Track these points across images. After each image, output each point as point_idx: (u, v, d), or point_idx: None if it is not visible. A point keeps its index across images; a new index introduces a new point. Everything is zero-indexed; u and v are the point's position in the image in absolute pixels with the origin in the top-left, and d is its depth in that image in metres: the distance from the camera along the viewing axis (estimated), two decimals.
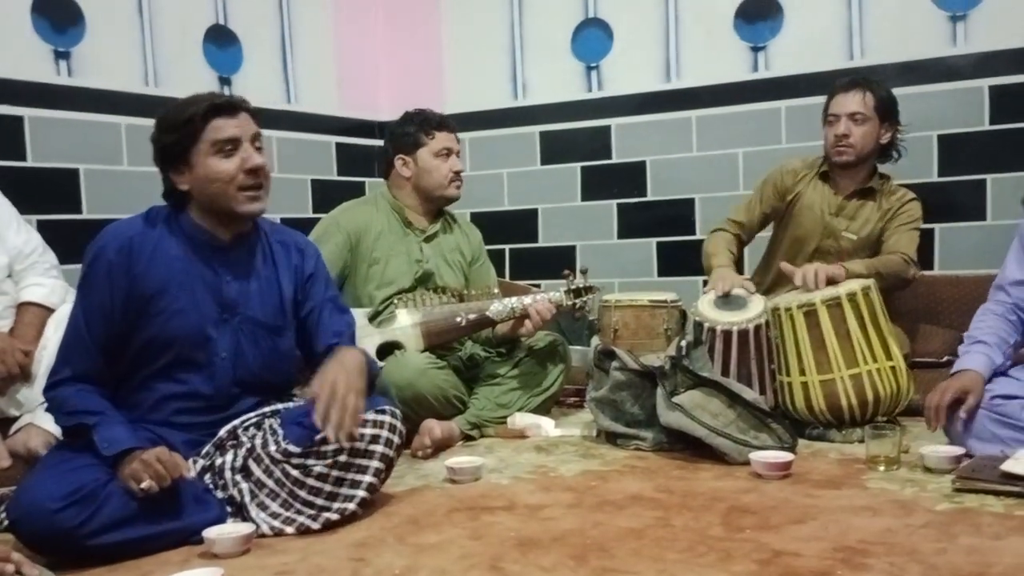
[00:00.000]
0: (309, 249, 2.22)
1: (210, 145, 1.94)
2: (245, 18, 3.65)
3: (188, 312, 1.98)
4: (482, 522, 1.95)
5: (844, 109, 2.91)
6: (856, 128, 2.90)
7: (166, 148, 1.97)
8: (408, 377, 2.59)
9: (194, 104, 1.95)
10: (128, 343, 1.96)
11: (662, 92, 3.85)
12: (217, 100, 1.97)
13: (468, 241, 3.08)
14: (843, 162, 2.94)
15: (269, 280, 2.10)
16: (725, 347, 2.69)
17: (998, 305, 2.39)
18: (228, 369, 2.03)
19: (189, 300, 1.99)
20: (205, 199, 1.99)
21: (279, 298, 2.10)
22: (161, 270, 1.97)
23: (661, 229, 3.89)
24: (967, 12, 3.33)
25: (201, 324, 2.00)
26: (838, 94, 2.95)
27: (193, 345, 1.99)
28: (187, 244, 2.01)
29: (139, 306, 1.95)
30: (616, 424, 2.62)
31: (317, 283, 2.17)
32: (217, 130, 1.95)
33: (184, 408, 2.00)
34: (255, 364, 2.07)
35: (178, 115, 1.95)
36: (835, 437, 2.57)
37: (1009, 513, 1.86)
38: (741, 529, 1.84)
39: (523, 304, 2.80)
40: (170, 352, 1.98)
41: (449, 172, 2.93)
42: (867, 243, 2.96)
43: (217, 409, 2.03)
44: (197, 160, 1.95)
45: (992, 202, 3.32)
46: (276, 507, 1.93)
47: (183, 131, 1.94)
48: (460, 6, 4.24)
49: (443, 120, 2.98)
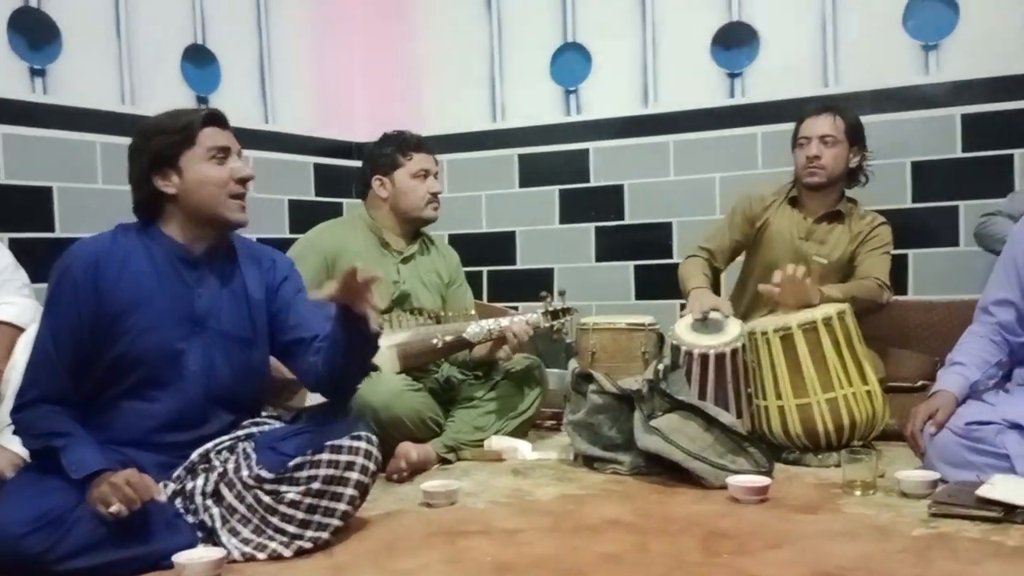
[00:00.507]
0: (282, 260, 2.21)
1: (205, 150, 1.98)
2: (223, 37, 3.64)
3: (158, 328, 1.96)
4: (458, 547, 1.93)
5: (815, 132, 2.95)
6: (827, 150, 2.94)
7: (157, 151, 1.97)
8: (384, 399, 2.57)
9: (187, 113, 2.01)
10: (97, 361, 1.93)
11: (640, 117, 3.88)
12: (211, 110, 2.03)
13: (445, 263, 3.07)
14: (814, 183, 2.97)
15: (240, 293, 2.08)
16: (702, 371, 2.69)
17: (981, 326, 2.42)
18: (199, 383, 2.01)
19: (159, 315, 1.97)
20: (192, 205, 1.99)
21: (249, 310, 2.09)
22: (129, 286, 1.95)
23: (639, 252, 3.90)
24: (939, 42, 3.39)
25: (171, 339, 1.97)
26: (809, 118, 3.00)
27: (163, 361, 1.97)
28: (157, 258, 2.00)
29: (107, 324, 1.93)
30: (593, 448, 2.61)
31: (289, 284, 2.16)
32: (212, 137, 1.99)
33: (155, 427, 1.97)
34: (227, 378, 2.04)
35: (173, 121, 1.98)
36: (811, 461, 2.58)
37: (985, 538, 1.86)
38: (718, 554, 1.83)
39: (500, 326, 2.79)
40: (140, 369, 1.95)
41: (426, 193, 2.93)
42: (838, 267, 2.99)
43: (188, 427, 2.00)
44: (190, 164, 1.97)
45: (965, 228, 3.36)
46: (247, 533, 1.90)
47: (180, 135, 1.96)
48: (439, 29, 4.26)
49: (421, 141, 2.98)
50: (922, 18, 3.41)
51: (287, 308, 2.12)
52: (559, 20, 4.01)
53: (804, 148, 2.97)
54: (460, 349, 2.86)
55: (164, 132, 1.97)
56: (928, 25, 3.40)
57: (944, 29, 3.38)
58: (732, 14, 3.69)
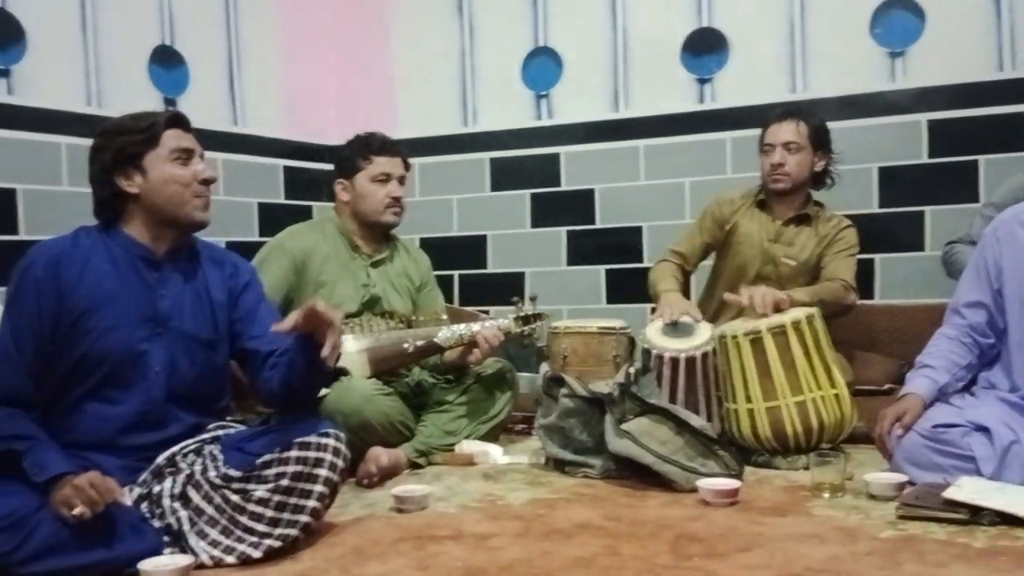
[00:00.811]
0: (243, 265, 2.23)
1: (169, 151, 2.00)
2: (192, 39, 3.60)
3: (120, 328, 1.95)
4: (428, 552, 1.92)
5: (779, 139, 2.98)
6: (791, 157, 2.98)
7: (120, 150, 1.97)
8: (354, 404, 2.55)
9: (149, 114, 2.02)
10: (59, 362, 1.92)
11: (611, 121, 3.89)
12: (174, 111, 2.06)
13: (416, 266, 3.06)
14: (779, 189, 3.01)
15: (202, 294, 2.09)
16: (673, 374, 2.70)
17: (952, 328, 2.44)
18: (162, 384, 2.00)
19: (121, 316, 1.96)
20: (155, 205, 2.00)
21: (212, 311, 2.09)
22: (91, 287, 1.95)
23: (609, 256, 3.92)
24: (906, 49, 3.43)
25: (133, 339, 1.97)
26: (773, 124, 3.03)
27: (126, 362, 1.96)
28: (119, 259, 2.00)
29: (69, 324, 1.92)
30: (564, 451, 2.61)
31: (251, 291, 2.17)
32: (176, 138, 2.01)
33: (118, 428, 1.96)
34: (190, 379, 2.04)
35: (136, 121, 2.00)
36: (780, 464, 2.59)
37: (952, 540, 1.88)
38: (689, 557, 1.84)
39: (471, 331, 2.79)
40: (102, 370, 1.94)
41: (386, 198, 2.89)
42: (805, 268, 3.02)
43: (151, 428, 1.99)
44: (153, 164, 1.99)
45: (930, 233, 3.41)
46: (216, 535, 1.88)
47: (143, 135, 1.97)
48: (411, 32, 4.25)
49: (386, 145, 2.94)
50: (889, 25, 3.45)
51: (249, 317, 2.13)
52: (530, 25, 4.02)
53: (769, 155, 3.01)
54: (431, 354, 2.85)
55: (127, 132, 1.98)
56: (895, 32, 3.44)
57: (910, 36, 3.42)
58: (701, 20, 3.72)
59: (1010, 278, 2.35)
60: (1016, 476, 2.10)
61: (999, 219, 2.42)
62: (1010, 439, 2.14)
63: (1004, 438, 2.14)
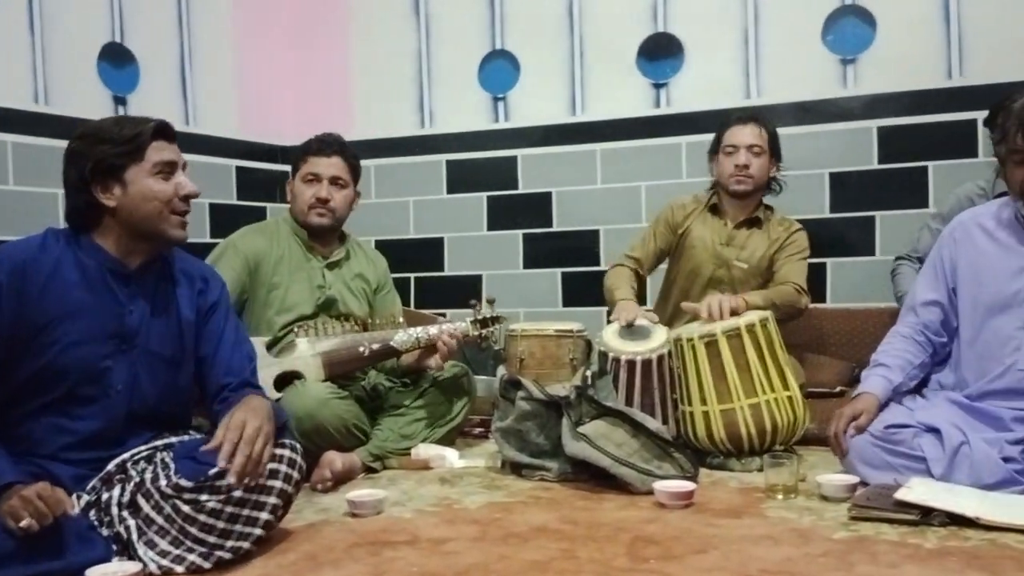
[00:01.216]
0: (214, 279, 2.15)
1: (152, 165, 1.92)
2: (142, 36, 3.54)
3: (84, 343, 1.89)
4: (383, 557, 1.90)
5: (743, 141, 3.02)
6: (755, 160, 3.02)
7: (100, 160, 1.89)
8: (308, 407, 2.51)
9: (135, 123, 1.93)
10: (14, 372, 1.85)
11: (568, 125, 3.90)
12: (161, 122, 1.96)
13: (373, 268, 3.03)
14: (742, 191, 3.04)
15: (171, 311, 2.02)
16: (629, 377, 2.71)
17: (906, 327, 2.48)
18: (123, 402, 1.95)
19: (86, 331, 1.89)
20: (133, 220, 1.93)
21: (179, 330, 2.03)
22: (56, 298, 1.87)
23: (566, 260, 3.93)
24: (857, 56, 3.49)
25: (97, 356, 1.91)
26: (735, 126, 3.06)
27: (87, 378, 1.90)
28: (88, 270, 1.93)
29: (29, 335, 1.85)
30: (521, 455, 2.60)
31: (219, 312, 2.11)
32: (159, 151, 1.94)
33: (73, 443, 1.90)
34: (152, 398, 1.99)
35: (119, 130, 1.91)
36: (735, 466, 2.61)
37: (903, 541, 1.91)
38: (645, 560, 1.84)
39: (428, 334, 2.77)
40: (62, 385, 1.88)
41: (311, 198, 2.83)
42: (758, 271, 3.06)
43: (109, 444, 1.93)
44: (135, 178, 1.91)
45: (881, 238, 3.47)
46: (165, 545, 1.83)
47: (127, 147, 1.90)
48: (367, 33, 4.22)
49: (322, 144, 2.87)
50: (841, 33, 3.51)
51: (211, 341, 2.07)
52: (487, 27, 4.01)
53: (732, 156, 3.03)
54: (387, 357, 2.82)
55: (109, 141, 1.90)
56: (846, 40, 3.50)
57: (862, 44, 3.48)
58: (657, 25, 3.75)
59: (964, 278, 2.40)
60: (965, 477, 2.14)
61: (957, 220, 2.47)
62: (959, 440, 2.18)
63: (954, 440, 2.18)
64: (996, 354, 2.30)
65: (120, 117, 1.97)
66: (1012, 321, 2.29)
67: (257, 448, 1.83)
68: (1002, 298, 2.31)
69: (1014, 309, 2.29)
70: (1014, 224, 2.33)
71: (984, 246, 2.37)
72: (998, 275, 2.32)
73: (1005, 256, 2.33)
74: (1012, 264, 2.31)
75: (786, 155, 3.13)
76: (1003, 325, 2.30)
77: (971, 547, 1.85)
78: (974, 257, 2.38)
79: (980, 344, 2.35)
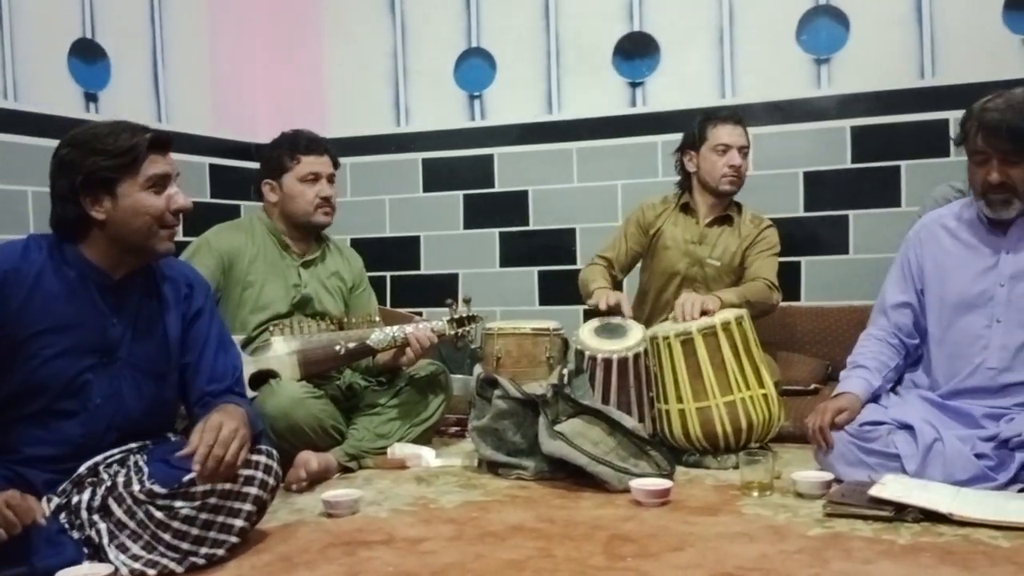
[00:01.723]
0: (199, 284, 2.11)
1: (146, 179, 1.86)
2: (114, 32, 3.49)
3: (65, 356, 1.85)
4: (359, 557, 1.89)
5: (736, 142, 3.04)
6: (744, 161, 3.06)
7: (93, 174, 1.83)
8: (283, 406, 2.49)
9: (129, 132, 1.86)
10: None
11: (544, 123, 3.90)
12: (157, 134, 1.89)
13: (349, 267, 3.01)
14: (730, 191, 3.06)
15: (155, 323, 1.98)
16: (605, 375, 2.71)
17: (879, 330, 2.50)
18: (103, 415, 1.91)
19: (68, 344, 1.85)
20: (122, 234, 1.88)
21: (164, 342, 1.99)
22: (38, 311, 1.83)
23: (543, 258, 3.92)
24: (830, 56, 3.52)
25: (78, 370, 1.87)
26: (727, 125, 3.05)
27: (67, 392, 1.86)
28: (71, 281, 1.88)
29: (9, 348, 1.81)
30: (498, 453, 2.60)
31: (203, 318, 2.07)
32: (154, 164, 1.88)
33: (52, 455, 1.87)
34: (135, 411, 1.95)
35: (114, 140, 1.84)
36: (711, 464, 2.62)
37: (877, 537, 1.92)
38: (622, 558, 1.84)
39: (404, 333, 2.75)
40: (41, 399, 1.85)
41: (315, 198, 2.82)
42: (730, 268, 3.08)
43: (87, 455, 1.90)
44: (127, 191, 1.85)
45: (854, 237, 3.50)
46: (137, 549, 1.81)
47: (122, 160, 1.83)
48: (342, 30, 4.20)
49: (312, 143, 2.86)
50: (814, 33, 3.53)
51: (197, 354, 2.04)
52: (463, 25, 4.00)
53: (725, 156, 3.03)
54: (363, 356, 2.81)
55: (103, 153, 1.83)
56: (820, 40, 3.53)
57: (835, 44, 3.51)
58: (633, 24, 3.75)
59: (931, 278, 2.42)
60: (938, 474, 2.16)
61: (921, 222, 2.50)
62: (933, 437, 2.20)
63: (927, 437, 2.20)
64: (965, 353, 2.33)
65: (115, 124, 1.88)
66: (979, 320, 2.32)
67: (232, 450, 1.81)
68: (968, 297, 2.34)
69: (980, 308, 2.32)
70: (977, 224, 2.36)
71: (949, 246, 2.39)
72: (963, 275, 2.35)
73: (969, 256, 2.36)
74: (977, 264, 2.34)
75: (761, 154, 3.16)
76: (971, 324, 2.33)
77: (944, 543, 1.87)
78: (940, 258, 2.41)
79: (949, 344, 2.37)
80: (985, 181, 2.23)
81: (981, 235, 2.35)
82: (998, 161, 2.20)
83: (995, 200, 2.25)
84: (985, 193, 2.25)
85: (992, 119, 2.18)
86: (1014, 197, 2.23)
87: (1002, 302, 2.30)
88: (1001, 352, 2.28)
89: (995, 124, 2.18)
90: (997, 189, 2.22)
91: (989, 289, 2.31)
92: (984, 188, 2.25)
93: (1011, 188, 2.22)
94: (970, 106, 2.27)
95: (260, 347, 2.68)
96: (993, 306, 2.31)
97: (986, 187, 2.24)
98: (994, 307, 2.30)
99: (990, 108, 2.20)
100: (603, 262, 3.15)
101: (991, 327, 2.30)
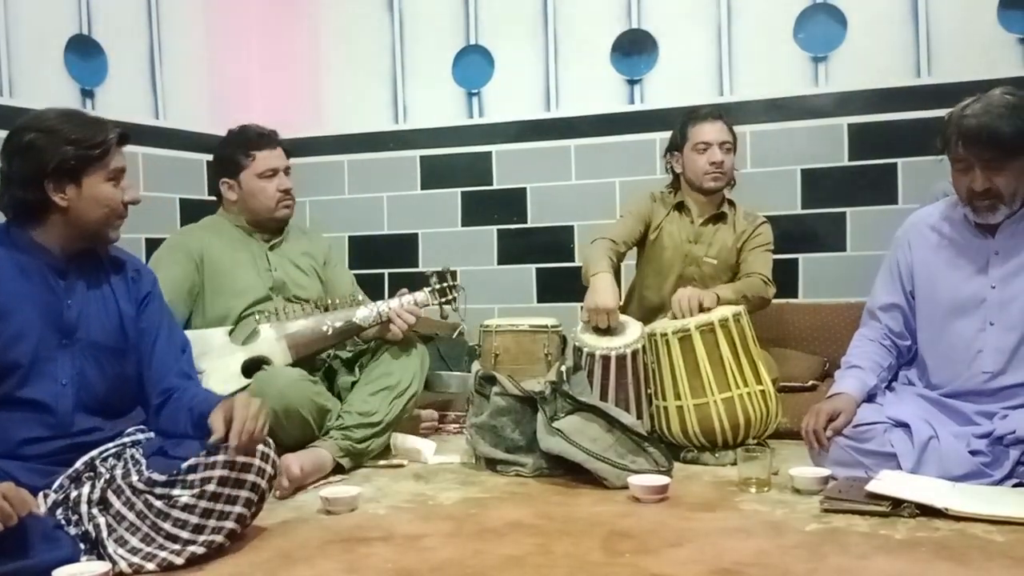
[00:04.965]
0: (145, 271, 2.16)
1: (109, 171, 1.93)
2: (110, 28, 3.49)
3: (26, 339, 1.87)
4: (358, 554, 1.89)
5: (717, 138, 3.02)
6: (726, 156, 3.04)
7: (64, 160, 1.87)
8: (280, 387, 2.47)
9: (96, 126, 1.93)
10: None
11: (542, 120, 3.90)
12: (124, 131, 1.98)
13: (315, 245, 3.01)
14: (716, 188, 3.05)
15: (108, 301, 2.02)
16: (604, 372, 2.72)
17: (871, 331, 2.48)
18: (70, 396, 1.92)
19: (28, 326, 1.88)
20: (80, 221, 1.93)
21: (119, 319, 2.03)
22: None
23: (540, 255, 3.92)
24: (828, 54, 3.52)
25: (40, 351, 1.89)
26: (706, 123, 3.04)
27: (32, 374, 1.88)
28: (26, 266, 1.91)
29: None
30: (496, 450, 2.60)
31: (153, 305, 2.11)
32: (119, 158, 1.96)
33: (27, 439, 1.87)
34: (100, 390, 1.97)
35: (83, 131, 1.90)
36: (709, 460, 2.63)
37: (874, 532, 1.93)
38: (620, 554, 1.85)
39: (389, 307, 2.76)
40: (7, 383, 1.86)
41: (276, 192, 2.83)
42: (726, 266, 3.08)
43: (58, 437, 1.91)
44: (93, 182, 1.92)
45: (851, 234, 3.50)
46: (136, 542, 1.81)
47: (94, 151, 1.90)
48: (340, 27, 4.19)
49: (263, 137, 2.86)
50: (812, 31, 3.54)
51: (149, 346, 2.07)
52: (462, 22, 4.00)
53: (706, 153, 3.02)
54: (351, 335, 2.80)
55: (77, 144, 1.88)
56: (817, 38, 3.53)
57: (832, 42, 3.51)
58: (631, 22, 3.75)
59: (920, 280, 2.40)
60: (934, 470, 2.16)
61: (908, 222, 2.47)
62: (928, 435, 2.20)
63: (923, 434, 2.20)
64: (960, 357, 2.31)
65: (72, 114, 1.95)
66: (972, 324, 2.29)
67: (260, 423, 1.87)
68: (959, 301, 2.31)
69: (972, 311, 2.29)
70: (964, 225, 2.32)
71: (937, 248, 2.36)
72: (953, 278, 2.32)
73: (958, 258, 2.32)
74: (966, 266, 2.31)
75: (758, 152, 3.15)
76: (964, 328, 2.30)
77: (940, 537, 1.88)
78: (929, 259, 2.38)
79: (943, 347, 2.35)
80: (970, 189, 2.18)
81: (969, 237, 2.32)
82: (981, 168, 2.15)
83: (980, 206, 2.21)
84: (971, 200, 2.21)
85: (970, 126, 2.13)
86: (1000, 203, 2.19)
87: (994, 305, 2.27)
88: (996, 356, 2.26)
89: (975, 131, 2.13)
90: (982, 196, 2.18)
91: (980, 292, 2.28)
92: (969, 195, 2.20)
93: (996, 194, 2.17)
94: (949, 112, 2.22)
95: (249, 335, 2.67)
96: (985, 309, 2.28)
97: (971, 194, 2.19)
98: (986, 310, 2.27)
99: (968, 115, 2.15)
100: (609, 240, 3.02)
101: (984, 331, 2.27)
